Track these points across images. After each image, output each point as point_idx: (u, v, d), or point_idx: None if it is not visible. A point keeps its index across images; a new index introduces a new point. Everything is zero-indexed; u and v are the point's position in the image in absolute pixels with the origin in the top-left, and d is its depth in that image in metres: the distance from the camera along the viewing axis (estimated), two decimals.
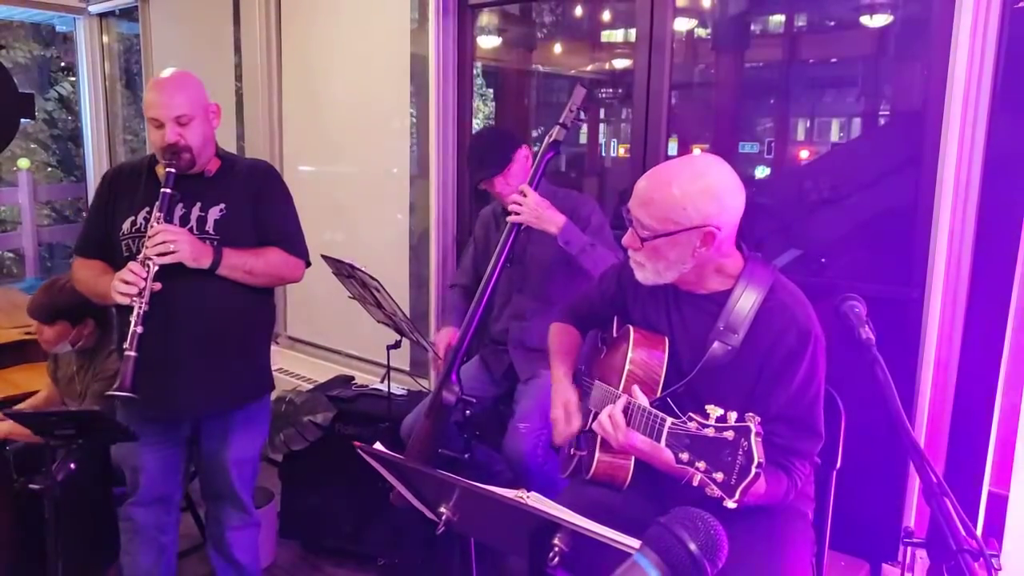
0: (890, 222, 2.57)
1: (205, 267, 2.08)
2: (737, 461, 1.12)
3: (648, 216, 1.55)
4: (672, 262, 1.58)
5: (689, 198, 1.52)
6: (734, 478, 1.12)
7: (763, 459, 1.13)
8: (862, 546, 2.44)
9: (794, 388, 1.56)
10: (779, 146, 3.21)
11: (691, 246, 1.55)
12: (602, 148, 4.17)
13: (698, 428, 1.18)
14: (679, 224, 1.53)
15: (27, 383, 3.22)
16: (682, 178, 1.54)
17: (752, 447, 1.12)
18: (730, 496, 1.13)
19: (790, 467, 1.55)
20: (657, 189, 1.56)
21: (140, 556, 2.32)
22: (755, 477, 1.12)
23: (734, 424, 1.15)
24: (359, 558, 2.98)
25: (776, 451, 1.53)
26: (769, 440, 1.50)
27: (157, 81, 2.16)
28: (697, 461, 1.17)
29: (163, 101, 2.10)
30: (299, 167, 4.17)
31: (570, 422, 1.82)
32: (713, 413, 1.19)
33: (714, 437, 1.16)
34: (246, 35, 4.20)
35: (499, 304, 2.61)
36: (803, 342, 1.56)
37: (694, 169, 1.57)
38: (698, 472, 1.17)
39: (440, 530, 1.32)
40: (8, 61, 7.02)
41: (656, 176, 1.59)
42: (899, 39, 2.72)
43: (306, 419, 2.91)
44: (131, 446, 2.23)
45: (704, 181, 1.54)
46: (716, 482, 1.14)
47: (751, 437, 1.13)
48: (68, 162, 7.44)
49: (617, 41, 3.79)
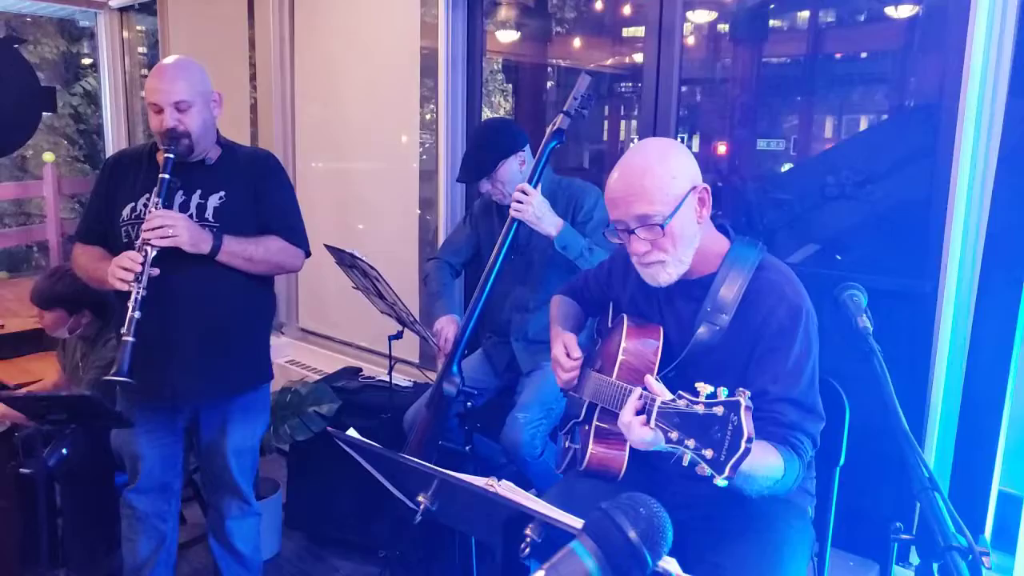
0: (904, 215, 2.51)
1: (205, 252, 2.08)
2: (727, 437, 1.08)
3: (651, 204, 1.53)
4: (689, 239, 1.57)
5: (671, 167, 1.55)
6: (723, 454, 1.08)
7: (753, 433, 1.08)
8: (872, 546, 2.38)
9: (790, 364, 1.52)
10: (802, 142, 3.15)
11: (694, 213, 1.57)
12: (625, 144, 4.13)
13: (687, 405, 1.15)
14: (678, 194, 1.54)
15: (42, 371, 3.27)
16: (651, 159, 1.57)
17: (742, 421, 1.08)
18: (719, 472, 1.09)
19: (797, 445, 1.50)
20: (640, 177, 1.55)
21: (140, 543, 2.33)
22: (744, 452, 1.08)
23: (723, 399, 1.11)
24: (363, 549, 2.98)
25: (782, 430, 1.49)
26: (774, 419, 1.49)
27: (159, 67, 2.17)
28: (687, 439, 1.13)
29: (163, 87, 2.11)
30: (312, 163, 4.18)
31: (572, 351, 1.80)
32: (703, 391, 1.15)
33: (704, 414, 1.12)
34: (260, 31, 4.22)
35: (501, 296, 2.59)
36: (794, 318, 1.54)
37: (650, 149, 1.61)
38: (688, 451, 1.13)
39: (418, 519, 1.29)
40: (35, 57, 7.14)
41: (627, 172, 1.58)
42: (914, 30, 2.66)
43: (311, 410, 2.91)
44: (129, 434, 2.25)
45: (668, 152, 1.58)
46: (705, 459, 1.10)
47: (740, 411, 1.08)
48: (94, 156, 7.54)
49: (639, 35, 3.75)
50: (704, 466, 1.10)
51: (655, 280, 1.61)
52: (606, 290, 1.89)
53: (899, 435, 1.18)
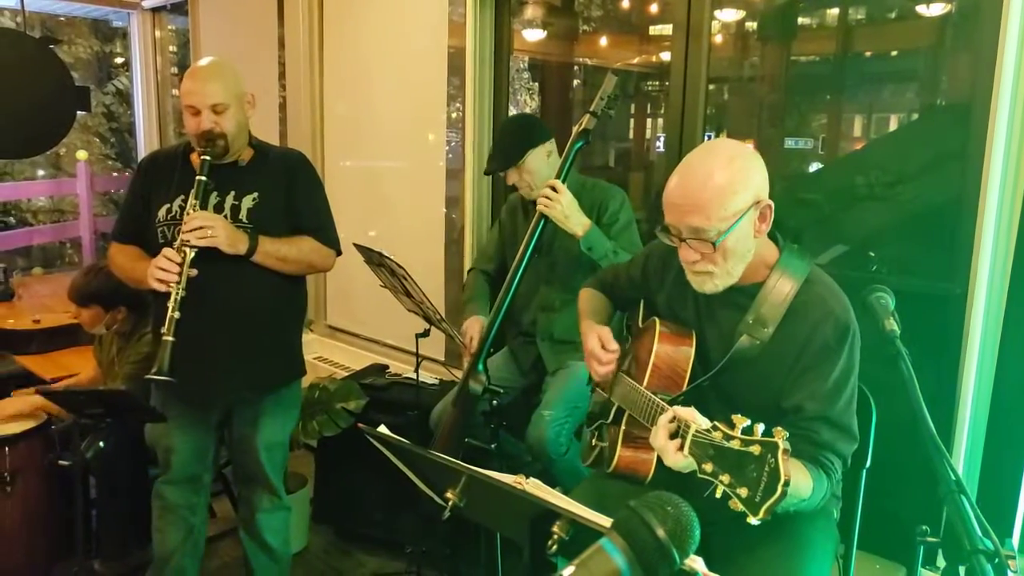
0: (934, 216, 2.49)
1: (241, 253, 2.12)
2: (763, 478, 1.07)
3: (707, 219, 1.45)
4: (742, 254, 1.52)
5: (735, 181, 1.46)
6: (759, 495, 1.07)
7: (790, 477, 1.07)
8: (897, 549, 2.37)
9: (830, 383, 1.49)
10: (831, 141, 3.12)
11: (752, 229, 1.50)
12: (651, 142, 4.13)
13: (723, 439, 1.13)
14: (738, 211, 1.46)
15: (77, 366, 3.33)
16: (715, 167, 1.47)
17: (779, 464, 1.06)
18: (754, 513, 1.08)
19: (828, 466, 1.49)
20: (702, 188, 1.46)
21: (169, 533, 2.38)
22: (781, 496, 1.06)
23: (761, 439, 1.10)
24: (390, 545, 3.01)
25: (815, 448, 1.48)
26: (808, 437, 1.47)
27: (194, 69, 2.21)
28: (721, 474, 1.12)
29: (200, 89, 2.14)
30: (340, 162, 4.22)
31: (608, 344, 1.73)
32: (739, 424, 1.13)
33: (740, 451, 1.10)
34: (289, 30, 4.26)
35: (527, 295, 2.60)
36: (840, 336, 1.50)
37: (717, 155, 1.50)
38: (722, 485, 1.12)
39: (446, 515, 1.31)
40: (70, 56, 7.26)
41: (688, 178, 1.50)
42: (946, 28, 2.63)
43: (339, 406, 2.94)
44: (163, 427, 2.30)
45: (735, 161, 1.48)
46: (740, 497, 1.09)
47: (778, 454, 1.07)
48: (126, 154, 7.67)
49: (666, 34, 3.74)
50: (737, 502, 1.10)
51: (701, 288, 1.57)
52: (640, 287, 1.86)
53: (926, 438, 1.18)
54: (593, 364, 1.77)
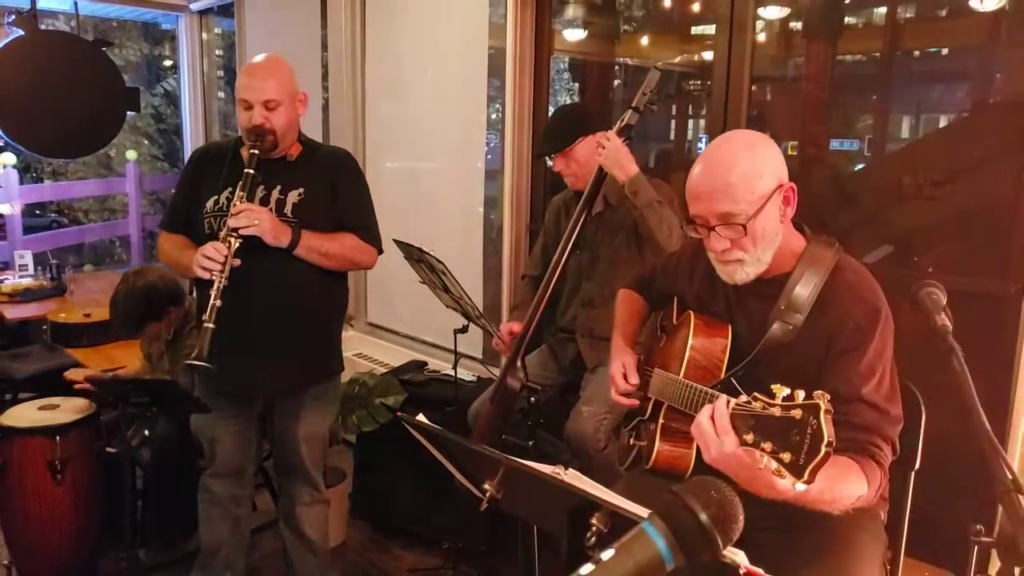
0: (987, 214, 2.42)
1: (284, 245, 2.15)
2: (806, 440, 1.05)
3: (735, 203, 1.48)
4: (770, 239, 1.53)
5: (758, 165, 1.49)
6: (802, 458, 1.05)
7: (833, 438, 1.05)
8: (946, 555, 2.30)
9: (863, 365, 1.48)
10: (877, 142, 3.06)
11: (778, 212, 1.52)
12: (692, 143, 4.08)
13: (764, 408, 1.12)
14: (764, 193, 1.49)
15: (124, 359, 3.40)
16: (737, 153, 1.51)
17: (821, 424, 1.05)
18: (799, 477, 1.06)
19: (876, 453, 1.46)
20: (725, 173, 1.49)
21: (217, 526, 2.42)
22: (824, 456, 1.05)
23: (802, 402, 1.08)
24: (426, 541, 3.03)
25: (858, 432, 1.45)
26: (849, 422, 1.44)
27: (251, 65, 2.26)
28: (763, 442, 1.10)
29: (254, 84, 2.19)
30: (381, 162, 4.26)
31: (630, 376, 1.79)
32: (779, 392, 1.11)
33: (781, 416, 1.08)
34: (332, 32, 4.32)
35: (568, 292, 2.59)
36: (871, 319, 1.49)
37: (737, 142, 1.55)
38: (764, 453, 1.10)
39: (484, 507, 1.31)
40: (120, 59, 7.45)
41: (712, 166, 1.53)
42: (999, 24, 2.55)
43: (378, 401, 2.96)
44: (208, 419, 2.33)
45: (756, 146, 1.52)
46: (783, 463, 1.07)
47: (820, 414, 1.05)
48: (173, 154, 7.84)
49: (708, 33, 3.70)
50: (783, 470, 1.08)
51: (731, 278, 1.58)
52: (672, 283, 1.87)
53: (980, 435, 1.14)
54: (612, 389, 1.83)
